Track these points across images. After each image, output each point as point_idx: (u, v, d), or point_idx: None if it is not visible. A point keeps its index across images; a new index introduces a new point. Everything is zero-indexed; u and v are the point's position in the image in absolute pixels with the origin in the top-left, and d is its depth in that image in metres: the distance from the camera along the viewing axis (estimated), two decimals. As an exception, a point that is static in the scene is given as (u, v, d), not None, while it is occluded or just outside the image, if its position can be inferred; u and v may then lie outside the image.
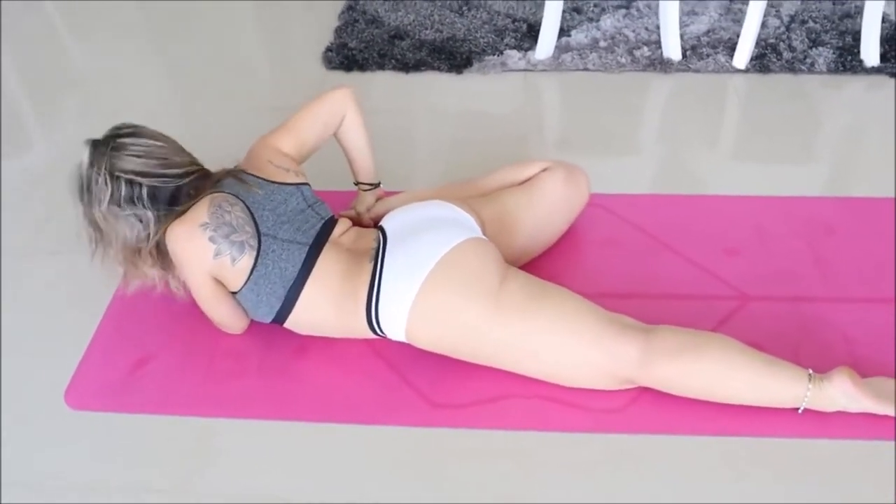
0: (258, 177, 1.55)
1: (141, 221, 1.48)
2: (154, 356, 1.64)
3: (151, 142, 1.51)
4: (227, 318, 1.59)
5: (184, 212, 1.48)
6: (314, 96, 1.70)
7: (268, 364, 1.61)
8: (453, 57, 2.42)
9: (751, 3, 2.22)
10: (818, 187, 1.96)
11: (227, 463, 1.46)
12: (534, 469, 1.41)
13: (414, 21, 2.59)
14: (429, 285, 1.42)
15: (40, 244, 1.95)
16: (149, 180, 1.48)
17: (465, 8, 2.63)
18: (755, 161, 2.05)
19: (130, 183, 1.46)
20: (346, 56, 2.46)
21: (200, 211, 1.47)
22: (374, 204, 1.79)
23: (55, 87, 2.51)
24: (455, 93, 2.35)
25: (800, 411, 1.40)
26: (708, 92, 2.27)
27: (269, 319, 1.55)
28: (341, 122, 1.69)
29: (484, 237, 1.53)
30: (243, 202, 1.50)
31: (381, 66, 2.42)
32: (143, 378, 1.60)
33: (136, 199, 1.47)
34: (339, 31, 2.58)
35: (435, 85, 2.37)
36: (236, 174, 1.53)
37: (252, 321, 1.63)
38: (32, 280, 1.85)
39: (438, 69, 2.40)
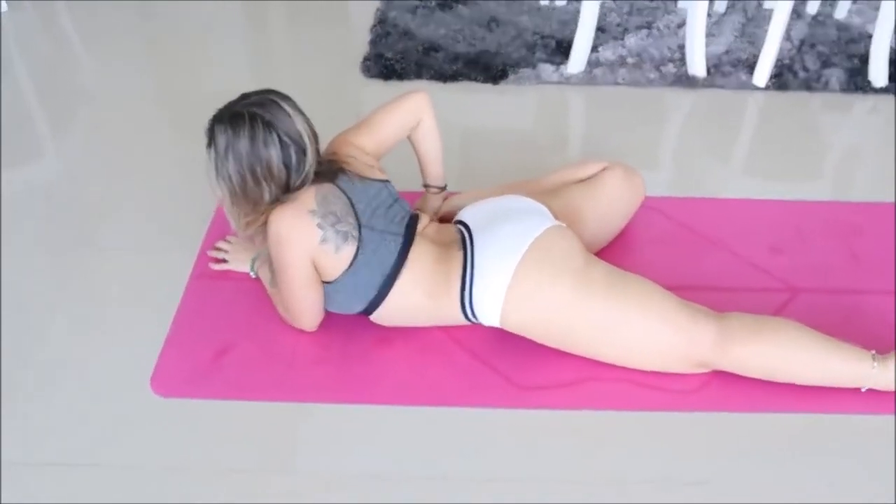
0: (352, 171, 1.62)
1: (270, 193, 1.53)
2: (235, 345, 1.68)
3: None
4: (311, 305, 1.62)
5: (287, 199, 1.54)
6: (379, 102, 1.76)
7: (351, 352, 1.67)
8: (489, 69, 2.52)
9: (771, 24, 2.39)
10: (842, 193, 2.12)
11: (316, 444, 1.51)
12: (616, 445, 1.50)
13: (445, 35, 2.69)
14: (522, 269, 1.51)
15: (98, 240, 1.98)
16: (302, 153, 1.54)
17: (493, 24, 2.75)
18: (780, 169, 2.20)
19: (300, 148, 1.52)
20: (385, 66, 2.54)
21: (308, 198, 1.53)
22: (441, 205, 1.87)
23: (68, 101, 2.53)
24: (493, 103, 2.45)
25: (863, 390, 1.52)
26: (732, 107, 2.43)
27: (359, 308, 1.61)
28: (417, 125, 1.76)
29: (564, 225, 1.62)
30: (345, 194, 1.56)
31: (419, 76, 2.51)
32: (227, 365, 1.65)
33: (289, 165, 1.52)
34: (373, 43, 2.67)
35: (473, 94, 2.47)
36: (339, 168, 1.59)
37: (328, 317, 1.67)
38: (94, 275, 1.88)
39: (475, 80, 2.50)
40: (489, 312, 1.55)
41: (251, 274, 1.80)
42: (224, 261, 1.85)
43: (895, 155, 2.21)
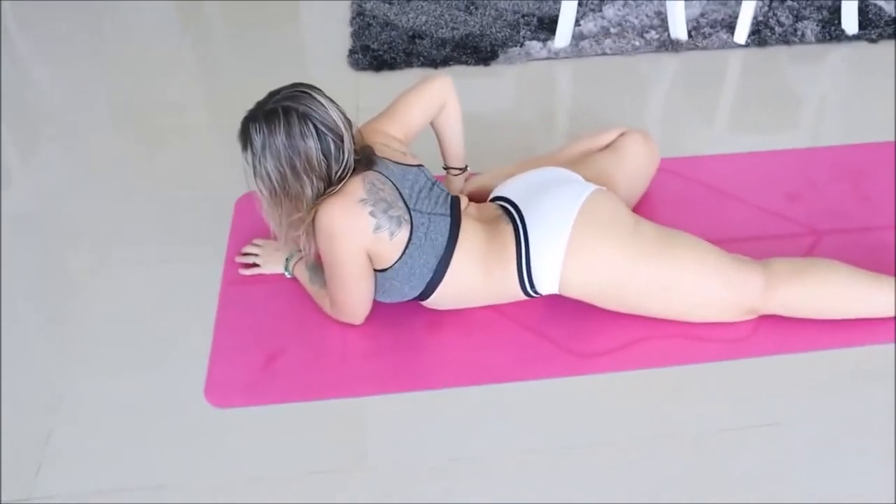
0: (387, 158, 1.61)
1: (313, 187, 1.50)
2: (283, 347, 1.66)
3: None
4: (363, 297, 1.60)
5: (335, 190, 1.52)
6: (404, 91, 1.74)
7: (403, 341, 1.66)
8: (478, 51, 2.54)
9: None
10: (838, 137, 2.21)
11: (385, 437, 1.50)
12: (681, 399, 1.54)
13: (427, 21, 2.69)
14: (576, 235, 1.53)
15: (114, 260, 1.93)
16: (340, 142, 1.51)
17: (472, 7, 2.76)
18: (773, 121, 2.28)
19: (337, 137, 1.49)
20: (373, 57, 2.53)
21: (356, 187, 1.51)
22: (464, 186, 1.88)
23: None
24: (487, 84, 2.47)
25: (900, 317, 1.59)
26: (717, 66, 2.50)
27: (415, 294, 1.60)
28: (441, 110, 1.76)
29: (605, 189, 1.64)
30: (390, 180, 1.55)
31: (410, 64, 2.51)
32: (279, 369, 1.62)
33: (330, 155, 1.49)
34: (356, 35, 2.65)
35: (466, 78, 2.48)
36: (377, 156, 1.58)
37: (374, 309, 1.66)
38: (119, 296, 1.82)
39: (466, 63, 2.51)
40: (548, 282, 1.56)
41: (286, 274, 1.78)
42: (255, 265, 1.82)
43: (895, 95, 2.31)
